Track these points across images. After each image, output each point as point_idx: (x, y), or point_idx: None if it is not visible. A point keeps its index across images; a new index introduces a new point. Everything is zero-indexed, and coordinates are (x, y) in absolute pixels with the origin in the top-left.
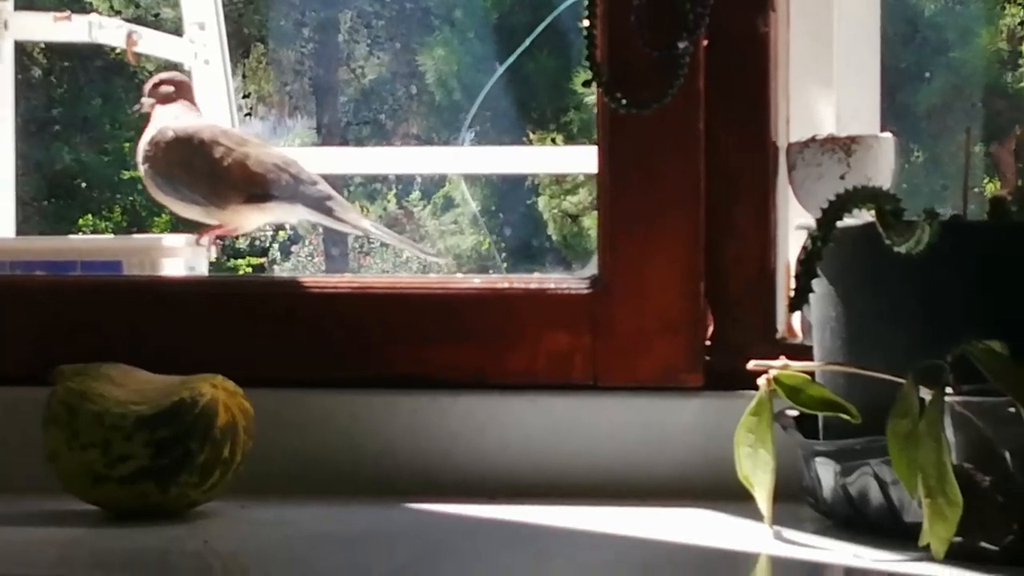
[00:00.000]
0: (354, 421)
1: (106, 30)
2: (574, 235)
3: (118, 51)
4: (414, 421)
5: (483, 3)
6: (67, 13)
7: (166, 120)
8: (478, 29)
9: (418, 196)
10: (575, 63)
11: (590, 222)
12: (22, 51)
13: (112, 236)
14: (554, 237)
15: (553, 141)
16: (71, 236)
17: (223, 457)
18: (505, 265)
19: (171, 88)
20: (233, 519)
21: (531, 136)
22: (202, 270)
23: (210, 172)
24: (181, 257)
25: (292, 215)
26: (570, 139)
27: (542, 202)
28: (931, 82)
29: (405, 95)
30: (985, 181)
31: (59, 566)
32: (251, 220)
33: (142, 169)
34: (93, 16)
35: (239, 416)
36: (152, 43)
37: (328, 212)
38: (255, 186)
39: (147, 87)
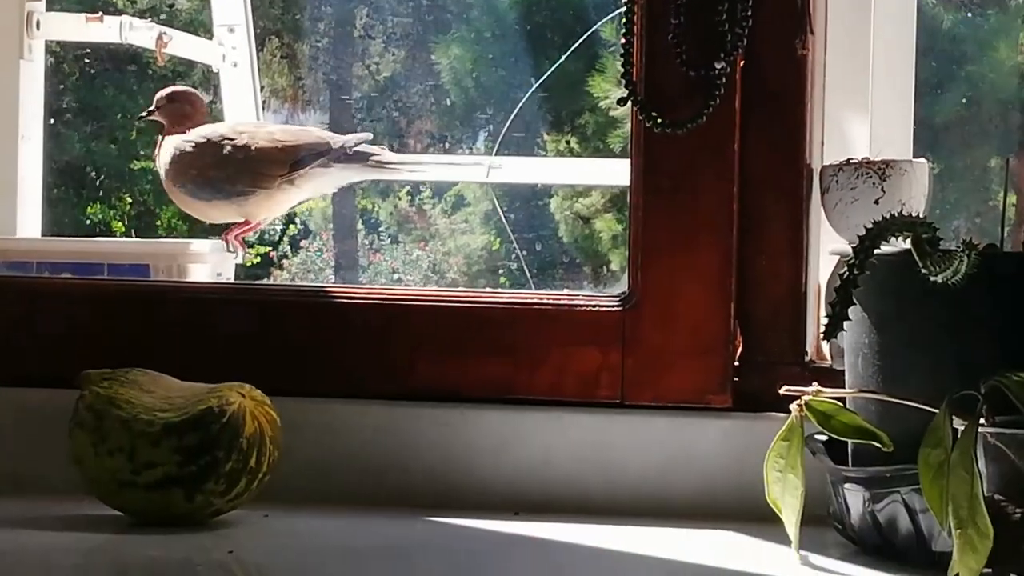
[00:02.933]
0: (379, 433)
1: (137, 31)
2: (585, 237)
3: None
4: (439, 434)
5: (501, 2)
6: (99, 14)
7: (176, 142)
8: (495, 29)
9: (429, 194)
10: (591, 65)
11: (602, 224)
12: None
13: (140, 240)
14: (565, 239)
15: (567, 143)
16: (99, 239)
17: (249, 466)
18: (515, 266)
19: (189, 107)
20: (257, 529)
21: (544, 138)
22: (229, 276)
23: (245, 159)
24: (208, 263)
25: (333, 180)
26: (584, 141)
27: (554, 203)
28: (948, 95)
29: (420, 93)
30: (1000, 195)
31: (81, 572)
32: (291, 197)
33: (175, 191)
34: (124, 17)
35: (266, 426)
36: (182, 45)
37: (375, 163)
38: (293, 154)
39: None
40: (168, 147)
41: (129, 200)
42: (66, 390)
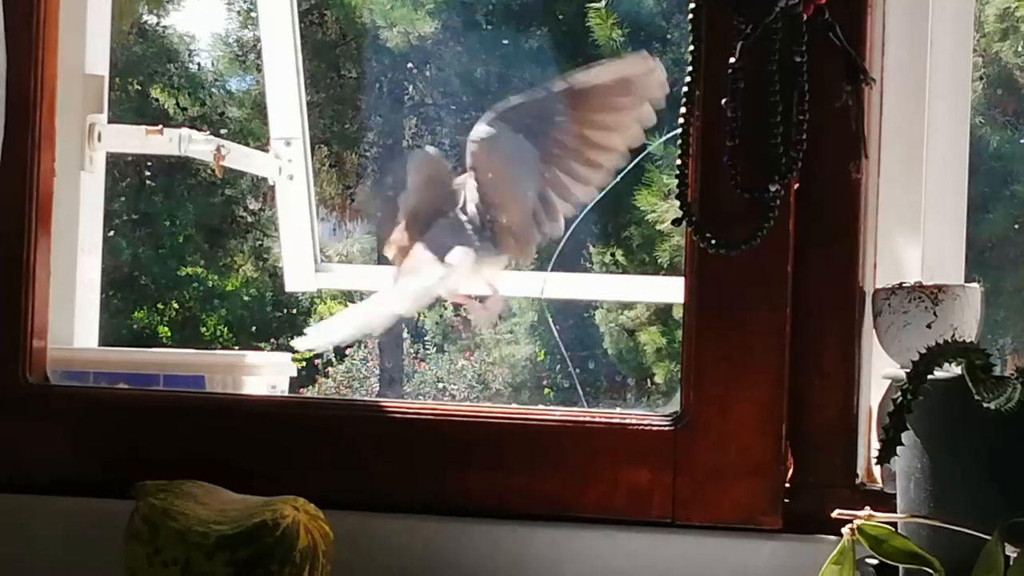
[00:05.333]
0: (430, 547)
1: (196, 144)
2: (629, 350)
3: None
4: (492, 551)
5: None
6: (159, 127)
7: None
8: None
9: None
10: (637, 179)
11: (646, 337)
12: None
13: (195, 351)
14: (610, 351)
15: (612, 256)
16: (155, 350)
17: None
18: (560, 377)
19: None
20: None
21: (591, 249)
22: (283, 388)
23: None
24: (263, 375)
25: None
26: (629, 254)
27: (599, 316)
28: (994, 213)
29: None
30: None
31: None
32: None
33: None
34: (184, 130)
35: (319, 540)
36: (239, 158)
37: None
38: None
39: None
40: None
41: (176, 306)
42: (121, 500)
